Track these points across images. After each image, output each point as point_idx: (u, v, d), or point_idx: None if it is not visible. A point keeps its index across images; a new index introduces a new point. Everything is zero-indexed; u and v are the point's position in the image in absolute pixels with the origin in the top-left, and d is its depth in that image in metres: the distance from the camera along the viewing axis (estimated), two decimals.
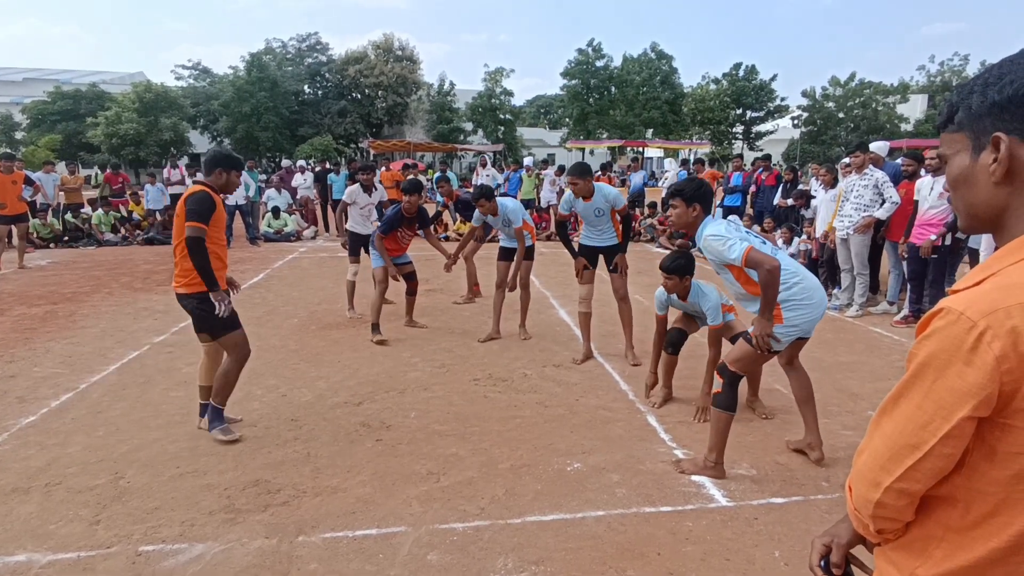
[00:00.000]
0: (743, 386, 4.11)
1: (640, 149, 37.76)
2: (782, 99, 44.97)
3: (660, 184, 14.06)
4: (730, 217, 9.96)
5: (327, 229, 13.96)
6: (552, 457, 3.37)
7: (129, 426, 3.75)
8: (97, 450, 3.43)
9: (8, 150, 11.58)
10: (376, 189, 6.55)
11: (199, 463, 3.29)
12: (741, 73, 44.40)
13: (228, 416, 3.68)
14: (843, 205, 6.29)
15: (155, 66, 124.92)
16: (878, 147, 6.58)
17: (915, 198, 5.93)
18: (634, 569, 2.44)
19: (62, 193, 12.84)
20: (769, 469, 3.24)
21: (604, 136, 43.58)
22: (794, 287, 3.04)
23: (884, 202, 5.97)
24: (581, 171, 4.81)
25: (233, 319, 3.56)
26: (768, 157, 10.61)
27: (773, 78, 44.41)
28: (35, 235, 11.93)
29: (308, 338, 5.64)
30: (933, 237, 5.55)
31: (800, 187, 9.32)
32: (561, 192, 14.20)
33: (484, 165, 14.59)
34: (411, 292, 5.98)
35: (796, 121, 45.03)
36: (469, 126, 44.83)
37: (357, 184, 6.49)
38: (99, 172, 14.20)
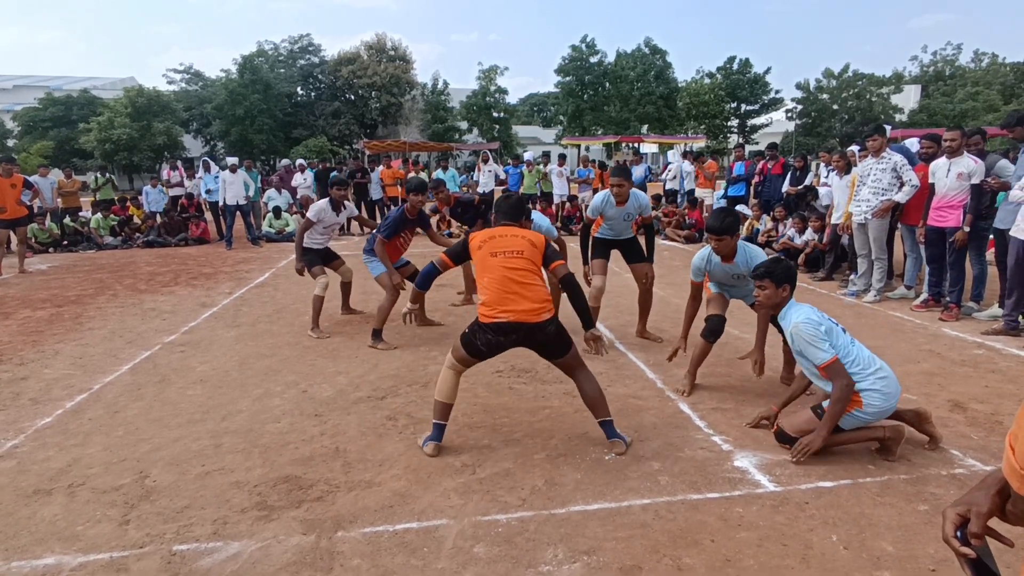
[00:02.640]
0: (776, 361, 4.05)
1: (635, 144, 37.75)
2: (776, 92, 45.09)
3: (664, 177, 13.97)
4: (738, 206, 9.81)
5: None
6: (588, 446, 3.28)
7: (148, 425, 3.65)
8: (118, 450, 3.32)
9: (10, 154, 11.39)
10: (345, 208, 5.76)
11: (224, 460, 3.19)
12: (735, 67, 44.47)
13: None
14: (859, 190, 6.22)
15: (146, 70, 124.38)
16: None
17: (930, 181, 5.86)
18: (689, 556, 2.36)
19: (59, 198, 12.70)
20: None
21: (599, 132, 43.55)
22: (871, 374, 3.00)
23: (903, 185, 5.90)
24: (628, 174, 4.75)
25: None
26: (774, 146, 10.55)
27: (767, 71, 44.55)
28: (33, 240, 11.77)
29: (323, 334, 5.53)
30: (967, 229, 5.46)
31: (806, 183, 9.24)
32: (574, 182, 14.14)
33: (486, 161, 14.48)
34: None
35: (791, 113, 45.12)
36: (464, 125, 44.72)
37: (326, 200, 5.64)
38: (98, 177, 14.06)
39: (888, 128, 6.82)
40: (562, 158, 14.61)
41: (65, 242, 11.94)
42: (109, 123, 32.22)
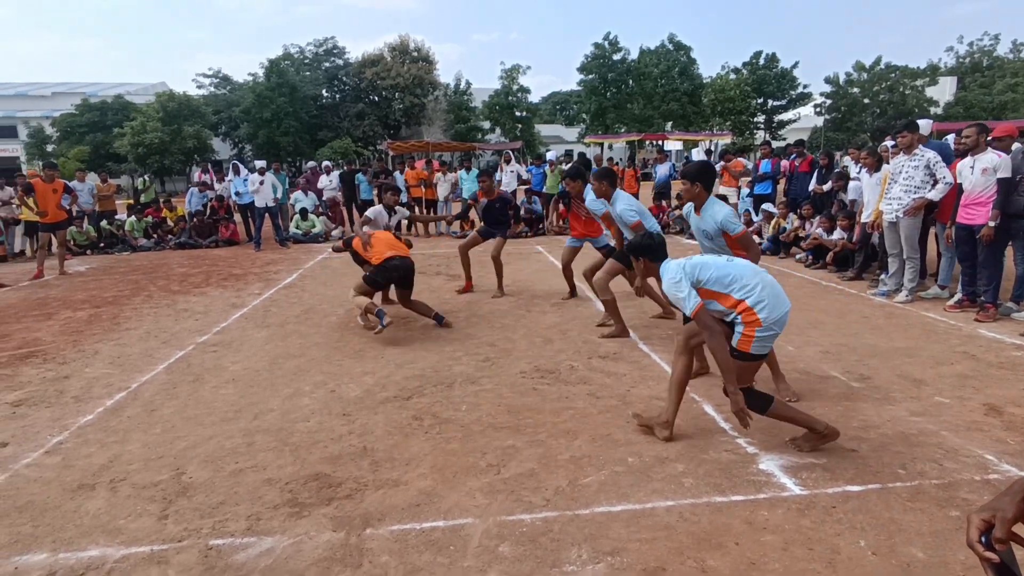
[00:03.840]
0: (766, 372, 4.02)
1: (660, 142, 37.46)
2: (804, 87, 44.23)
3: None
4: (764, 205, 9.74)
5: (354, 229, 14.02)
6: (611, 448, 3.29)
7: (184, 423, 3.77)
8: (156, 447, 3.44)
9: (52, 160, 11.83)
10: (396, 212, 6.61)
11: (257, 458, 3.28)
12: (762, 62, 43.76)
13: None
14: (890, 187, 6.10)
15: (177, 76, 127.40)
16: (921, 126, 6.35)
17: (958, 180, 5.73)
18: (713, 559, 2.36)
19: (96, 201, 13.14)
20: (839, 457, 3.12)
21: (622, 130, 43.29)
22: (755, 287, 3.00)
23: (936, 183, 5.77)
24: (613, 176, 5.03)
25: None
26: (801, 143, 10.38)
27: (795, 65, 43.75)
28: (72, 242, 12.18)
29: (348, 335, 5.64)
30: (992, 224, 5.33)
31: (837, 170, 9.09)
32: None
33: (508, 161, 14.53)
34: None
35: (819, 108, 44.22)
36: (486, 125, 44.83)
37: (382, 206, 6.59)
38: (145, 179, 14.62)
39: (930, 123, 6.61)
40: (582, 157, 14.55)
41: (102, 244, 12.32)
42: (142, 127, 33.09)
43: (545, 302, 6.71)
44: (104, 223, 12.66)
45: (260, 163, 12.34)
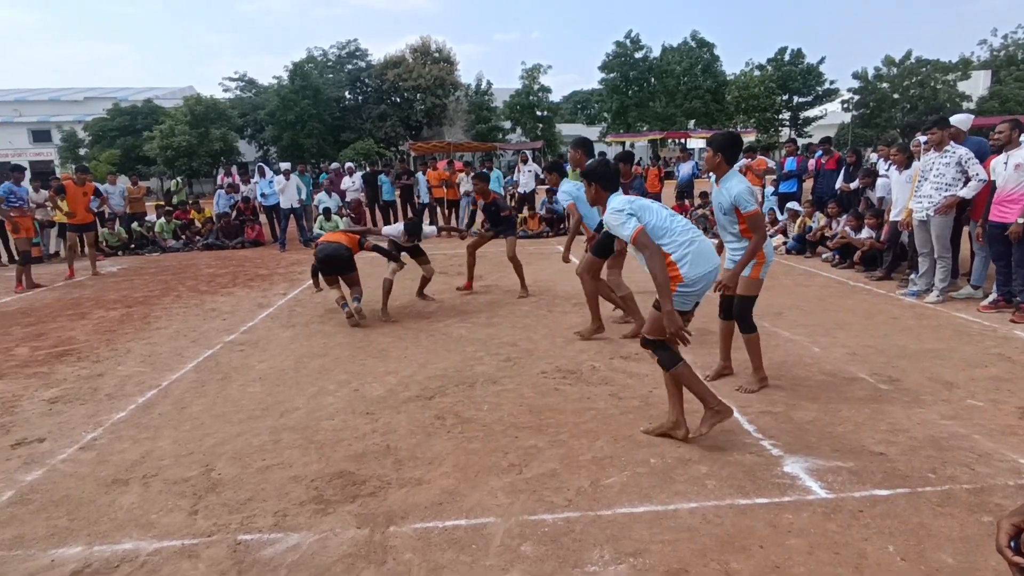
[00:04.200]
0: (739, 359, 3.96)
1: (682, 140, 37.07)
2: (831, 82, 43.37)
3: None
4: (789, 203, 9.56)
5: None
6: (633, 449, 3.29)
7: (212, 421, 3.86)
8: (186, 444, 3.53)
9: (84, 164, 12.18)
10: (424, 231, 6.60)
11: (283, 456, 3.34)
12: (787, 57, 43.03)
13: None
14: (920, 185, 5.97)
15: (204, 80, 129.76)
16: (960, 120, 6.16)
17: (991, 177, 5.58)
18: (737, 562, 2.35)
19: (128, 203, 13.48)
20: (866, 460, 3.07)
21: (644, 129, 42.97)
22: (684, 244, 3.15)
23: (969, 180, 5.63)
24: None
25: None
26: (828, 140, 10.20)
27: (821, 61, 42.94)
28: (104, 244, 12.52)
29: (372, 335, 5.70)
30: (1022, 220, 5.19)
31: (865, 167, 8.90)
32: None
33: (525, 161, 14.53)
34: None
35: (847, 104, 43.33)
36: (507, 124, 44.87)
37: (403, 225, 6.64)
38: (178, 181, 15.01)
39: (970, 118, 6.38)
40: (602, 156, 14.46)
41: (132, 245, 12.64)
42: (170, 131, 33.84)
43: (566, 302, 6.70)
44: (135, 225, 12.98)
45: (285, 165, 12.54)
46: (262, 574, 2.37)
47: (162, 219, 13.14)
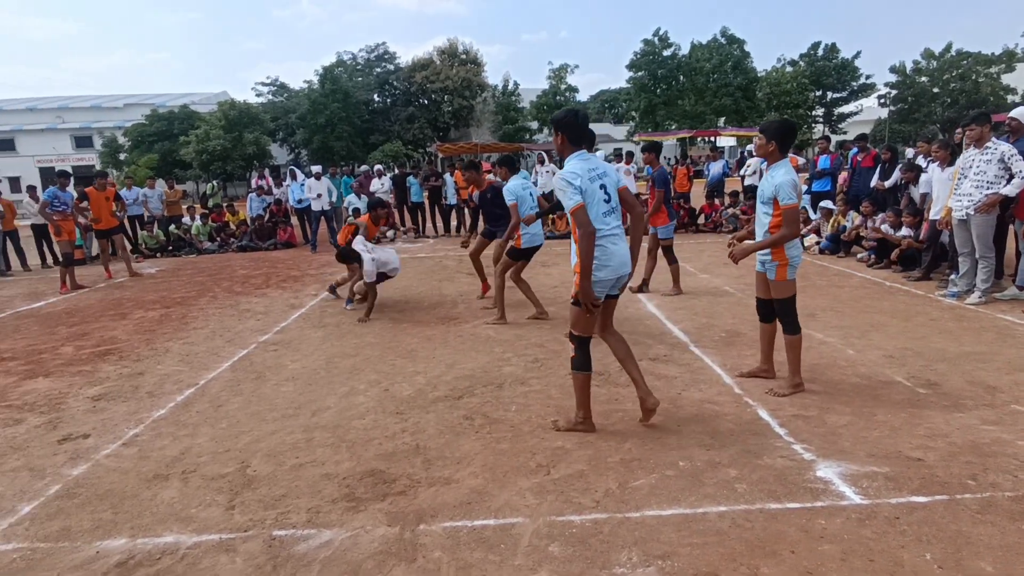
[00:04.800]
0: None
1: (712, 139, 36.56)
2: (867, 77, 42.30)
3: (743, 172, 13.31)
4: (823, 202, 9.37)
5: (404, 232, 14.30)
6: (662, 451, 3.27)
7: (247, 419, 3.96)
8: (223, 441, 3.64)
9: (103, 171, 12.59)
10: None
11: (316, 454, 3.42)
12: (820, 53, 42.10)
13: None
14: (960, 182, 5.78)
15: (237, 85, 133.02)
16: (1020, 113, 5.91)
17: None
18: (768, 567, 2.32)
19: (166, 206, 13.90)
20: (903, 466, 3.00)
21: (673, 127, 42.51)
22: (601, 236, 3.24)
23: (1012, 177, 5.44)
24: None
25: None
26: (864, 136, 9.95)
27: (856, 55, 42.01)
28: (143, 246, 12.93)
29: (401, 335, 5.78)
30: None
31: (908, 159, 8.63)
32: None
33: (542, 162, 14.50)
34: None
35: (884, 100, 42.19)
36: (534, 125, 44.88)
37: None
38: (214, 185, 15.49)
39: None
40: (629, 156, 14.33)
41: (170, 247, 13.02)
42: (206, 135, 34.79)
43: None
44: (172, 227, 13.38)
45: (317, 168, 12.78)
46: (296, 569, 2.44)
47: (198, 221, 13.52)
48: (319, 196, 12.03)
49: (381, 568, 2.42)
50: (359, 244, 6.45)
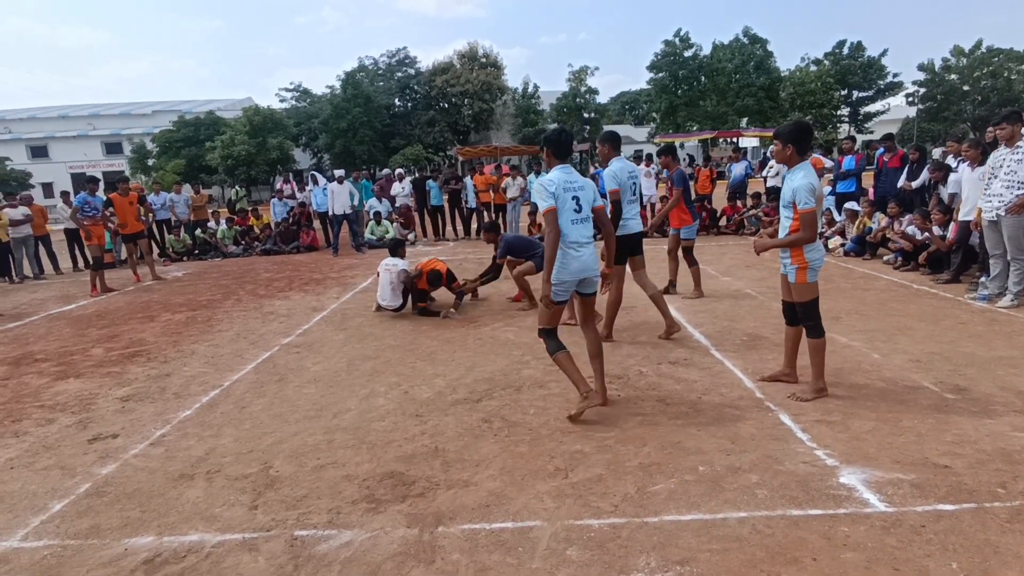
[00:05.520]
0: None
1: (734, 139, 36.17)
2: (894, 75, 41.46)
3: (766, 174, 13.11)
4: (848, 203, 9.19)
5: (424, 234, 14.43)
6: (681, 456, 3.25)
7: (270, 420, 4.03)
8: (246, 441, 3.70)
9: (125, 176, 12.89)
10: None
11: (337, 455, 3.46)
12: (846, 51, 41.40)
13: None
14: (991, 183, 5.65)
15: (261, 91, 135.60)
16: None
17: None
18: (788, 574, 2.29)
19: (192, 211, 14.20)
20: (930, 473, 2.94)
21: (694, 128, 42.15)
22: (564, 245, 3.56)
23: None
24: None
25: None
26: (891, 136, 9.75)
27: (883, 53, 41.18)
28: (171, 249, 13.22)
29: (421, 338, 5.82)
30: None
31: (935, 159, 8.43)
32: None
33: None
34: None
35: (912, 98, 41.32)
36: (554, 127, 44.91)
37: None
38: (238, 190, 15.90)
39: None
40: (648, 158, 14.26)
41: (196, 251, 13.29)
42: (231, 141, 35.46)
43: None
44: (198, 231, 13.66)
45: (339, 172, 12.95)
46: (317, 569, 2.47)
47: (223, 225, 13.78)
48: (340, 200, 12.17)
49: (400, 569, 2.44)
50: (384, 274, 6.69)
